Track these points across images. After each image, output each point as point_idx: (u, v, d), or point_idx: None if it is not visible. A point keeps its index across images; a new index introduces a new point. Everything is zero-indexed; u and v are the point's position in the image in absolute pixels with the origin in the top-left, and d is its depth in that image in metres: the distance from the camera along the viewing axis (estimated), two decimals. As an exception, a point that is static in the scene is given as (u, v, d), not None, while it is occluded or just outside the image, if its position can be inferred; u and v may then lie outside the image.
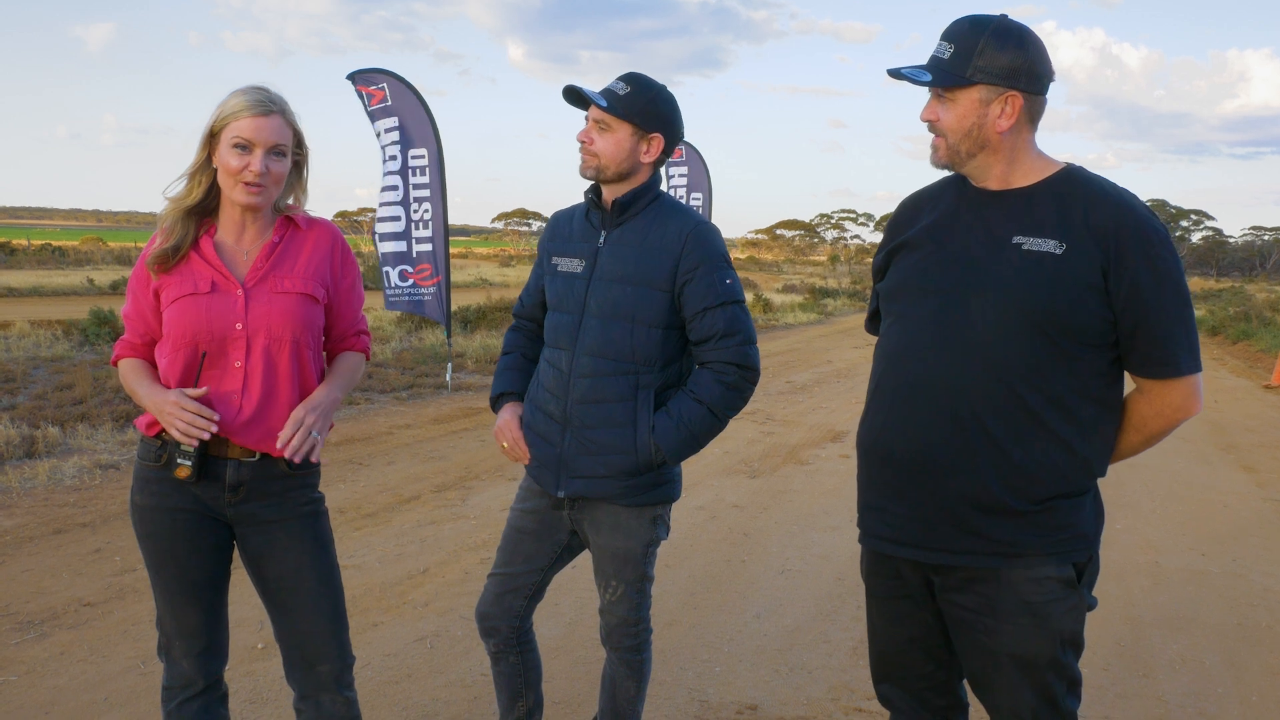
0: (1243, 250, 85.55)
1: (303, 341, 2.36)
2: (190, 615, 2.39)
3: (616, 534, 2.64)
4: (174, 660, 2.42)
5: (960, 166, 2.12)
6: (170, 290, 2.31)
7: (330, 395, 2.39)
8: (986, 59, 2.02)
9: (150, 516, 2.36)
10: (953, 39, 2.06)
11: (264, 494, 2.37)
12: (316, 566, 2.43)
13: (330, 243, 2.47)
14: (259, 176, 2.26)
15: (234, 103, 2.27)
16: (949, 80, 2.04)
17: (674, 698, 3.65)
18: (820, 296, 32.32)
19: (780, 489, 6.88)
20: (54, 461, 6.62)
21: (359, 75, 10.31)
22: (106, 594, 4.42)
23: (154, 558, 2.38)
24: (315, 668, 2.45)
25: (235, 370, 2.31)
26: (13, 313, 17.01)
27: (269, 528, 2.39)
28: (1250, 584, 5.15)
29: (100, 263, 37.79)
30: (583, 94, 2.55)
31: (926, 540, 2.12)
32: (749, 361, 2.57)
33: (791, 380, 12.74)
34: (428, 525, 5.69)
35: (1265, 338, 20.01)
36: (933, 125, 2.11)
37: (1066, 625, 2.08)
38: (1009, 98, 2.03)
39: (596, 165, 2.58)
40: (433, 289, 10.21)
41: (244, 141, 2.25)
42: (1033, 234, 2.03)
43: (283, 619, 2.45)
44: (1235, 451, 8.71)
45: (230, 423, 2.29)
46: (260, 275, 2.34)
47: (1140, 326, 1.99)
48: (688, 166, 16.67)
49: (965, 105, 2.05)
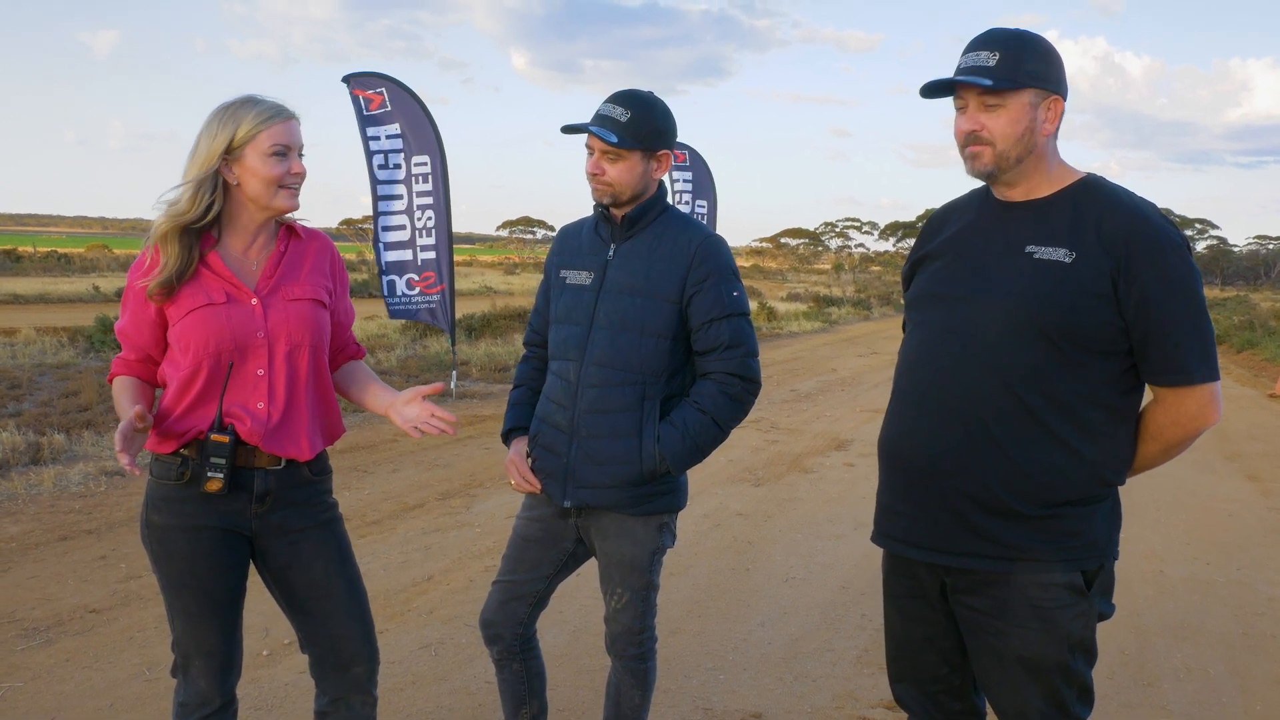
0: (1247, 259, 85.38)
1: (319, 346, 2.39)
2: (210, 635, 2.36)
3: (623, 541, 2.65)
4: (191, 679, 2.38)
5: (1005, 173, 2.11)
6: (182, 304, 2.27)
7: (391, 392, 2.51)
8: (1033, 64, 2.04)
9: (169, 536, 2.32)
10: (993, 46, 2.07)
11: (288, 502, 2.37)
12: (344, 571, 2.45)
13: (329, 254, 2.50)
14: (301, 177, 2.31)
15: (257, 113, 2.26)
16: (1007, 83, 2.04)
17: (678, 706, 3.65)
18: (825, 305, 32.29)
19: (784, 497, 6.88)
20: (59, 468, 6.64)
21: (355, 78, 10.13)
22: (112, 600, 4.43)
23: (173, 579, 2.33)
24: (350, 670, 2.47)
25: (258, 379, 2.31)
26: (19, 319, 17.07)
27: (294, 536, 2.39)
28: (1255, 593, 5.14)
29: (106, 270, 37.89)
30: (586, 129, 2.56)
31: (937, 542, 2.15)
32: (751, 373, 2.60)
33: (796, 389, 12.74)
34: (432, 533, 5.70)
35: (1270, 347, 19.95)
36: (976, 135, 2.10)
37: (1075, 631, 2.09)
38: (1053, 101, 2.07)
39: (612, 193, 2.59)
40: (437, 297, 10.22)
41: (283, 146, 2.27)
42: (1045, 243, 2.05)
43: (315, 625, 2.45)
44: (1240, 460, 8.70)
45: (257, 431, 2.29)
46: (272, 284, 2.35)
47: (1151, 334, 2.00)
48: (692, 172, 16.67)
49: (1017, 109, 2.05)
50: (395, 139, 10.03)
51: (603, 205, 2.66)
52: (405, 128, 10.02)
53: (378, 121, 10.08)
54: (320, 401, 2.41)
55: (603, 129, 2.53)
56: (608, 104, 2.58)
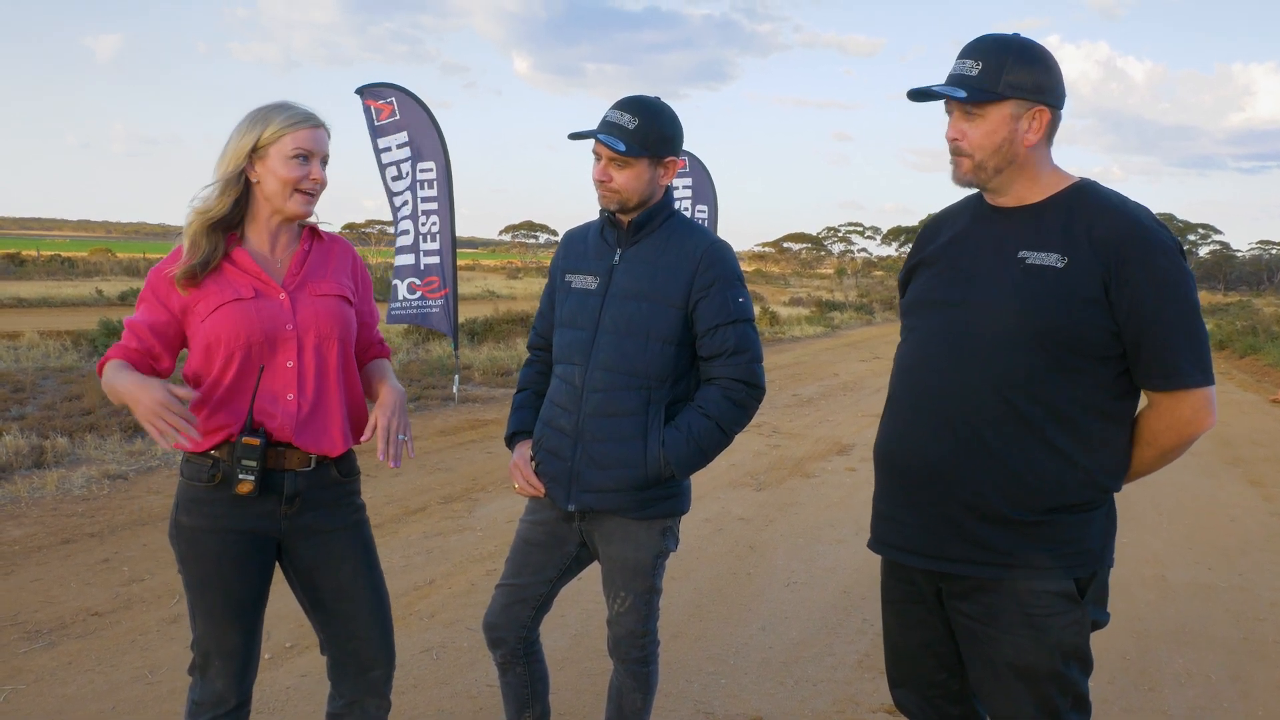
0: (1250, 264, 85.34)
1: (346, 340, 2.41)
2: (232, 636, 2.38)
3: (626, 545, 2.65)
4: (209, 679, 2.40)
5: (985, 183, 2.13)
6: (208, 300, 2.30)
7: (397, 393, 2.43)
8: (1016, 74, 2.04)
9: (197, 538, 2.34)
10: (978, 55, 2.07)
11: (317, 503, 2.39)
12: (369, 575, 2.47)
13: (350, 256, 2.55)
14: (321, 184, 2.34)
15: (286, 117, 2.31)
16: (984, 95, 2.05)
17: (680, 710, 3.66)
18: (827, 310, 32.30)
19: (786, 502, 6.89)
20: (62, 471, 6.65)
21: (367, 90, 10.36)
22: (114, 604, 4.44)
23: (198, 580, 2.36)
24: (368, 673, 2.49)
25: (288, 371, 2.33)
26: (22, 323, 17.09)
27: (322, 539, 2.41)
28: (1257, 598, 5.14)
29: (109, 274, 37.93)
30: (594, 137, 2.56)
31: (931, 548, 2.15)
32: (756, 379, 2.61)
33: (798, 393, 12.75)
34: (434, 537, 5.70)
35: (1273, 352, 19.93)
36: (955, 144, 2.12)
37: (1067, 639, 2.08)
38: (1037, 112, 2.06)
39: (620, 200, 2.60)
40: (440, 301, 10.25)
41: (305, 151, 2.31)
42: (1038, 248, 2.05)
43: (337, 627, 2.47)
44: (1242, 465, 8.69)
45: (288, 424, 2.31)
46: (298, 281, 2.39)
47: (1143, 339, 2.00)
48: (692, 179, 16.68)
49: (995, 120, 2.06)
50: (404, 147, 10.15)
51: (609, 211, 2.66)
52: (412, 134, 10.12)
53: (386, 131, 10.23)
54: (349, 396, 2.43)
55: (611, 137, 2.53)
56: (615, 110, 2.58)
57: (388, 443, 2.31)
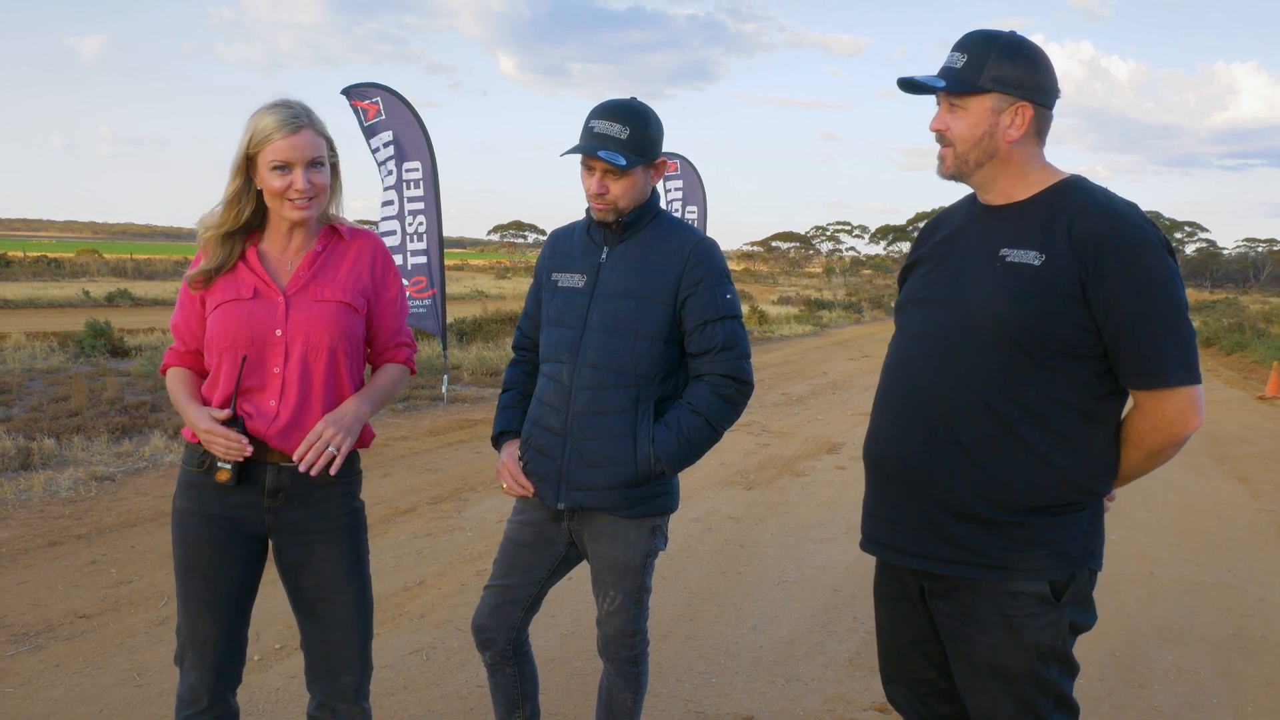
0: (1236, 262, 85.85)
1: (340, 350, 2.39)
2: (205, 626, 2.39)
3: (615, 544, 2.65)
4: (185, 673, 2.43)
5: (968, 177, 2.14)
6: (214, 298, 2.37)
7: (357, 408, 2.39)
8: (1000, 69, 2.04)
9: (185, 520, 2.40)
10: (965, 49, 2.09)
11: (306, 501, 2.40)
12: (352, 580, 2.46)
13: (372, 253, 2.50)
14: (303, 194, 2.30)
15: (265, 124, 2.29)
16: (963, 87, 2.06)
17: (670, 709, 3.65)
18: (815, 308, 32.35)
19: (776, 500, 6.89)
20: (49, 473, 6.61)
21: (353, 90, 10.37)
22: (102, 606, 4.41)
23: (182, 562, 2.40)
24: (339, 678, 2.48)
25: (274, 376, 2.35)
26: (8, 324, 16.99)
27: (309, 538, 2.41)
28: (1245, 594, 5.16)
29: (96, 275, 37.73)
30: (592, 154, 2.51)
31: (913, 546, 2.15)
32: (744, 375, 2.62)
33: (787, 392, 12.76)
34: (424, 537, 5.69)
35: (1259, 349, 20.08)
36: (941, 136, 2.13)
37: (1044, 641, 2.06)
38: (1020, 108, 2.06)
39: (616, 210, 2.60)
40: (428, 301, 10.24)
41: (282, 163, 2.28)
42: (1017, 245, 2.04)
43: (314, 629, 2.47)
44: (1230, 462, 8.74)
45: (267, 428, 2.33)
46: (302, 284, 2.38)
47: (1123, 337, 1.97)
48: (682, 180, 16.71)
49: (977, 113, 2.07)
50: (389, 146, 10.15)
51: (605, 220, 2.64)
52: (398, 135, 10.11)
53: (374, 131, 10.25)
54: (337, 405, 2.40)
55: (610, 152, 2.50)
56: (602, 121, 2.55)
57: (309, 448, 2.29)
